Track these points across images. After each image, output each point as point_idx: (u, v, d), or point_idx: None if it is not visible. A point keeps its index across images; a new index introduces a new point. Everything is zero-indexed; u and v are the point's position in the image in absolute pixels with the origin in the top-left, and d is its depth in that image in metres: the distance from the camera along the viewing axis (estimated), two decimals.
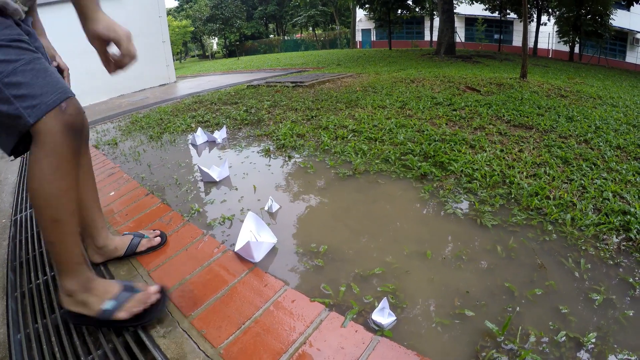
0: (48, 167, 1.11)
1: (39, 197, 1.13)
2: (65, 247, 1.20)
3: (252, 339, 1.17)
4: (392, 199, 2.03)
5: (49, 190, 1.13)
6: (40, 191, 1.12)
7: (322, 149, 2.88)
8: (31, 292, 1.60)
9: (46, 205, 1.14)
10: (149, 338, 1.22)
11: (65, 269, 1.21)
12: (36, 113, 1.07)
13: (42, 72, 1.11)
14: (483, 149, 2.71)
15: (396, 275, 1.43)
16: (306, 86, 6.22)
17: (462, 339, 1.14)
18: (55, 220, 1.15)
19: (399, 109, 4.14)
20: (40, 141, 1.10)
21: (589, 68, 15.76)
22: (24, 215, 2.43)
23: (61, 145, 1.12)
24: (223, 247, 1.68)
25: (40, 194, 1.12)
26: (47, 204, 1.13)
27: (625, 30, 24.67)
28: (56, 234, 1.17)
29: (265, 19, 50.83)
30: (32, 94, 1.06)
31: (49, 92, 1.10)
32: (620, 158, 2.63)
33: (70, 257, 1.21)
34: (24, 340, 1.32)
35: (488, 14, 24.61)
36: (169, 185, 2.44)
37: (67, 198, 1.17)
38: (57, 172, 1.13)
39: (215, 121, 4.23)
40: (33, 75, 1.08)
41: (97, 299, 1.25)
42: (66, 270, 1.22)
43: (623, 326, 1.17)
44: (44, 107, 1.08)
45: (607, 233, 1.66)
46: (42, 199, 1.13)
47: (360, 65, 11.95)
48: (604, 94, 6.02)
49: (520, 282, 1.37)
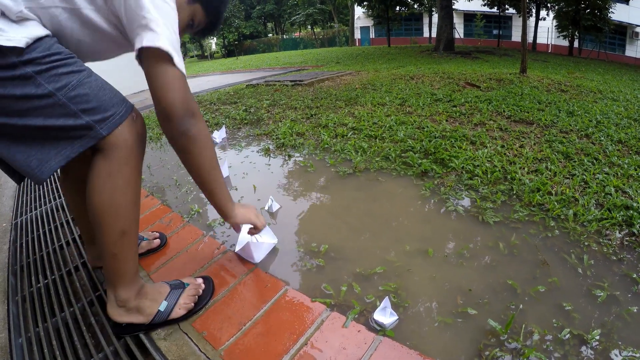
0: (122, 179, 1.09)
1: (110, 210, 1.09)
2: (128, 257, 1.17)
3: (253, 341, 1.17)
4: (393, 197, 2.02)
5: (121, 202, 1.10)
6: (111, 205, 1.09)
7: (322, 147, 2.87)
8: (32, 295, 1.60)
9: (117, 218, 1.10)
10: (150, 340, 1.22)
11: (123, 280, 1.19)
12: (109, 125, 1.05)
13: (104, 83, 1.09)
14: (484, 145, 2.70)
15: (398, 274, 1.42)
16: (305, 85, 6.21)
17: (465, 337, 1.13)
18: (124, 231, 1.13)
19: (399, 106, 4.13)
20: (113, 154, 1.07)
21: (589, 62, 15.74)
22: (25, 218, 2.42)
23: (135, 156, 1.11)
24: (223, 248, 1.67)
25: (111, 208, 1.09)
26: (118, 217, 1.10)
27: (625, 24, 24.63)
28: (122, 246, 1.14)
29: (263, 18, 50.77)
30: (102, 107, 1.04)
31: (118, 103, 1.08)
32: (621, 152, 2.62)
33: (131, 267, 1.19)
34: (25, 344, 1.32)
35: (487, 10, 24.56)
36: (168, 187, 2.43)
37: (136, 208, 1.16)
38: (129, 184, 1.11)
39: (215, 121, 4.22)
40: (99, 87, 1.05)
41: (152, 302, 1.25)
42: (124, 281, 1.19)
43: (627, 323, 1.16)
44: (117, 119, 1.06)
45: (610, 228, 1.65)
46: (113, 212, 1.10)
47: (360, 63, 11.93)
48: (604, 88, 6.00)
49: (523, 279, 1.36)
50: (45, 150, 1.02)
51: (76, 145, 1.04)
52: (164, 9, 1.05)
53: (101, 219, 1.10)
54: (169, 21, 1.05)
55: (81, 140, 1.03)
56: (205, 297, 1.34)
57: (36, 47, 0.96)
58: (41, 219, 2.36)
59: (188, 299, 1.30)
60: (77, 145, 1.03)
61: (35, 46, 0.96)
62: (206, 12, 1.31)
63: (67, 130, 1.02)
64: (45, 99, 0.97)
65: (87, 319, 1.41)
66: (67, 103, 0.99)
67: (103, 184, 1.08)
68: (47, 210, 2.49)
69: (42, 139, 1.02)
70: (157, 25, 1.02)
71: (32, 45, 0.95)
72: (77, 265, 1.75)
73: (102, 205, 1.09)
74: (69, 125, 1.01)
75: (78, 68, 1.03)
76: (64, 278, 1.68)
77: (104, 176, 1.08)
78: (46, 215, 2.40)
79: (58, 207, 2.50)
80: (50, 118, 0.99)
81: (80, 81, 1.01)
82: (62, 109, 0.99)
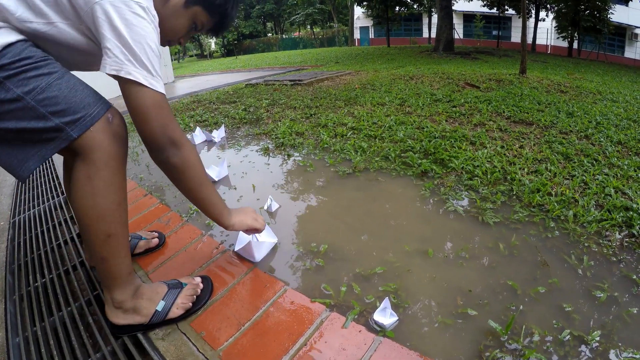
0: (101, 182, 1.07)
1: (92, 214, 1.08)
2: (118, 260, 1.16)
3: (252, 341, 1.16)
4: (393, 197, 2.02)
5: (104, 205, 1.09)
6: (93, 208, 1.08)
7: (322, 147, 2.86)
8: (29, 295, 1.59)
9: (100, 221, 1.09)
10: (148, 341, 1.21)
11: (117, 282, 1.18)
12: (80, 127, 1.03)
13: (77, 85, 1.07)
14: (483, 146, 2.69)
15: (398, 274, 1.41)
16: (305, 84, 6.21)
17: (465, 338, 1.13)
18: (109, 234, 1.11)
19: (399, 106, 4.13)
20: (90, 156, 1.06)
21: (588, 63, 15.75)
22: (23, 217, 2.41)
23: (113, 157, 1.09)
24: (222, 248, 1.66)
25: (93, 211, 1.08)
26: (101, 220, 1.09)
27: (624, 26, 24.67)
28: (110, 249, 1.13)
29: (263, 17, 50.74)
30: (72, 108, 1.02)
31: (90, 104, 1.06)
32: (621, 153, 2.62)
33: (123, 269, 1.18)
34: (22, 344, 1.31)
35: (486, 11, 24.59)
36: (167, 186, 2.43)
37: (121, 210, 1.14)
38: (111, 186, 1.10)
39: (214, 120, 4.21)
40: (69, 89, 1.04)
41: (149, 302, 1.24)
42: (117, 283, 1.18)
43: (627, 324, 1.16)
44: (88, 120, 1.04)
45: (610, 229, 1.65)
46: (96, 215, 1.08)
47: (359, 63, 11.93)
48: (603, 90, 6.01)
49: (523, 280, 1.35)
50: (23, 151, 1.04)
51: (50, 147, 1.03)
52: (136, 25, 1.04)
53: (85, 223, 1.09)
54: (139, 39, 1.04)
55: (54, 142, 1.03)
56: (203, 297, 1.34)
57: (5, 53, 0.97)
58: (39, 218, 2.35)
59: (186, 298, 1.29)
60: (51, 146, 1.03)
61: (5, 52, 0.97)
62: (209, 13, 1.30)
63: (39, 133, 1.02)
64: (15, 102, 0.98)
65: (84, 318, 1.40)
66: (35, 106, 0.99)
67: (83, 187, 1.07)
68: (45, 208, 2.48)
69: (19, 140, 1.03)
70: (122, 49, 1.02)
71: (1, 52, 0.97)
72: (75, 264, 1.75)
73: (84, 209, 1.08)
74: (40, 128, 1.01)
75: (48, 70, 1.03)
76: (61, 277, 1.67)
77: (84, 179, 1.07)
78: (44, 214, 2.39)
79: (56, 206, 2.49)
80: (22, 121, 0.99)
81: (49, 84, 1.01)
82: (31, 111, 0.99)
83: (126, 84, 1.05)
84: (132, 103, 1.07)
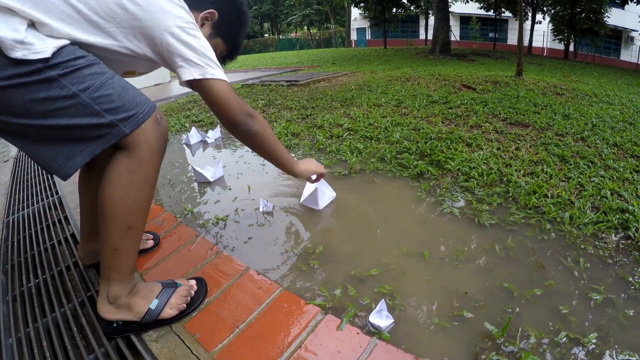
0: (140, 177, 1.12)
1: (121, 205, 1.11)
2: (130, 253, 1.18)
3: (247, 343, 1.15)
4: (389, 199, 2.01)
5: (135, 198, 1.13)
6: (125, 200, 1.11)
7: (317, 147, 2.86)
8: (23, 295, 1.57)
9: (127, 213, 1.12)
10: (141, 342, 1.20)
11: (119, 276, 1.19)
12: (132, 124, 1.08)
13: (127, 84, 1.13)
14: (480, 147, 2.69)
15: (393, 276, 1.41)
16: (301, 85, 6.20)
17: (462, 341, 1.12)
18: (131, 227, 1.14)
19: (395, 107, 4.13)
20: (136, 152, 1.10)
21: (584, 66, 15.82)
22: (17, 216, 2.40)
23: (156, 155, 1.15)
24: (217, 249, 1.65)
25: (124, 203, 1.11)
26: (128, 212, 1.12)
27: (620, 29, 24.81)
28: (126, 241, 1.15)
29: (260, 18, 50.77)
30: (125, 106, 1.08)
31: (140, 103, 1.12)
32: (617, 156, 2.62)
33: (129, 264, 1.20)
34: (15, 345, 1.30)
35: (483, 13, 24.66)
36: (162, 186, 2.41)
37: (147, 205, 1.18)
38: (147, 182, 1.14)
39: (210, 120, 4.20)
40: (122, 88, 1.10)
41: (143, 300, 1.24)
42: (120, 277, 1.19)
43: (623, 326, 1.15)
44: (140, 118, 1.10)
45: (606, 231, 1.64)
46: (124, 207, 1.11)
47: (355, 64, 11.94)
48: (599, 92, 6.03)
49: (519, 282, 1.35)
50: (71, 147, 1.07)
51: (100, 142, 1.08)
52: (200, 38, 1.21)
53: (112, 212, 1.12)
54: (207, 46, 1.22)
55: (105, 137, 1.07)
56: (197, 299, 1.33)
57: (61, 52, 1.01)
58: (33, 218, 2.34)
59: (180, 299, 1.28)
60: (101, 142, 1.08)
61: (60, 52, 1.01)
62: (225, 44, 1.48)
63: (91, 129, 1.05)
64: (70, 99, 1.01)
65: (78, 319, 1.39)
66: (90, 103, 1.03)
67: (120, 179, 1.10)
68: (39, 208, 2.46)
69: (67, 137, 1.06)
70: (200, 57, 1.18)
71: (56, 52, 1.00)
72: (68, 265, 1.73)
73: (115, 200, 1.11)
74: (93, 124, 1.05)
75: (101, 70, 1.07)
76: (55, 278, 1.66)
77: (123, 172, 1.10)
78: (38, 214, 2.38)
79: (50, 206, 2.48)
80: (75, 118, 1.03)
81: (103, 82, 1.06)
82: (86, 108, 1.03)
83: (208, 82, 1.20)
84: (216, 94, 1.22)
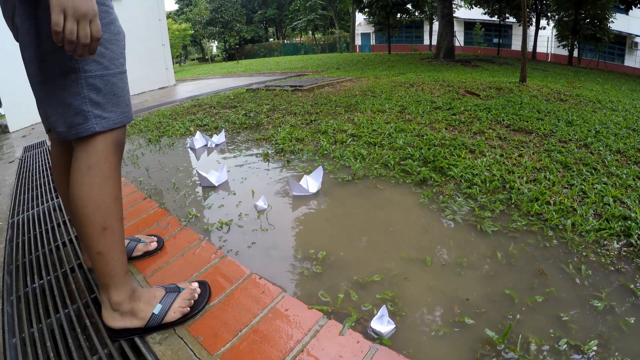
0: (99, 174, 1.13)
1: (89, 204, 1.12)
2: (114, 256, 1.18)
3: (249, 347, 1.16)
4: (391, 205, 2.02)
5: (100, 196, 1.13)
6: (91, 198, 1.12)
7: (321, 153, 2.87)
8: (27, 296, 1.59)
9: (96, 213, 1.13)
10: (145, 344, 1.21)
11: (113, 281, 1.19)
12: (103, 125, 1.12)
13: (123, 89, 1.19)
14: (483, 154, 2.70)
15: (395, 282, 1.41)
16: (305, 90, 6.22)
17: (462, 347, 1.13)
18: (105, 227, 1.15)
19: (399, 113, 4.13)
20: (94, 149, 1.13)
21: (588, 72, 15.77)
22: (22, 217, 2.42)
23: (113, 154, 1.17)
24: (220, 253, 1.66)
25: (90, 201, 1.12)
26: (97, 211, 1.13)
27: (624, 34, 24.71)
28: (105, 243, 1.16)
29: (265, 22, 50.89)
30: (106, 106, 1.13)
31: (121, 111, 1.17)
32: (620, 162, 2.62)
33: (119, 267, 1.20)
34: (19, 345, 1.31)
35: (487, 18, 24.65)
36: (166, 190, 2.43)
37: (116, 204, 1.19)
38: (107, 180, 1.15)
39: (214, 125, 4.22)
40: (119, 89, 1.17)
41: (146, 305, 1.25)
42: (114, 282, 1.19)
43: (624, 333, 1.16)
44: (111, 123, 1.14)
45: (608, 239, 1.65)
46: (93, 206, 1.13)
47: (360, 69, 11.95)
48: (603, 98, 6.02)
49: (520, 289, 1.35)
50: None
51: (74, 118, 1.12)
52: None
53: (82, 213, 1.13)
54: None
55: (75, 120, 1.11)
56: (201, 302, 1.34)
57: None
58: (38, 219, 2.36)
59: (183, 302, 1.29)
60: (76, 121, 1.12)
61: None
62: None
63: (73, 108, 1.10)
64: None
65: (82, 321, 1.40)
66: (83, 84, 1.09)
67: (82, 178, 1.12)
68: (44, 210, 2.48)
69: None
70: None
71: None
72: (73, 267, 1.75)
73: (81, 199, 1.12)
74: (73, 105, 1.10)
75: (108, 62, 1.14)
76: (59, 279, 1.68)
77: (83, 170, 1.12)
78: (43, 215, 2.40)
79: (55, 208, 2.50)
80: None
81: (102, 75, 1.12)
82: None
83: None
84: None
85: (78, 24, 0.91)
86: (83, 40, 0.93)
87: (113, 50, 1.15)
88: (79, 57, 0.98)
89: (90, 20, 0.93)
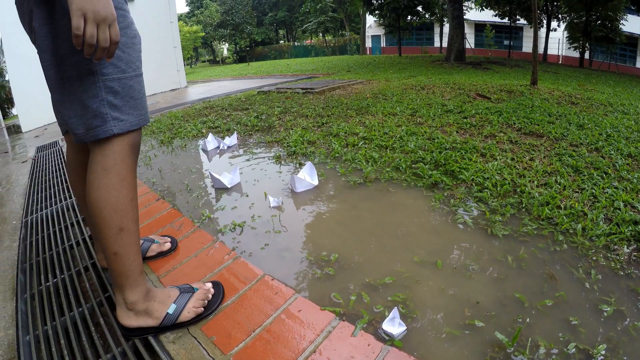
0: (116, 176, 1.15)
1: (106, 206, 1.15)
2: (130, 257, 1.20)
3: (262, 347, 1.18)
4: (403, 208, 2.03)
5: (116, 198, 1.16)
6: (108, 200, 1.15)
7: (333, 156, 2.88)
8: (41, 294, 1.62)
9: (113, 214, 1.15)
10: (159, 343, 1.23)
11: (129, 281, 1.21)
12: (120, 127, 1.15)
13: (139, 92, 1.21)
14: (494, 158, 2.70)
15: (406, 284, 1.43)
16: (316, 92, 6.24)
17: (472, 349, 1.14)
18: (122, 229, 1.17)
19: (410, 116, 4.14)
20: (111, 151, 1.16)
21: (600, 74, 15.65)
22: (35, 217, 2.46)
23: (129, 156, 1.19)
24: (234, 254, 1.69)
25: (107, 203, 1.15)
26: (114, 213, 1.15)
27: (636, 36, 24.46)
28: (121, 244, 1.18)
29: (275, 25, 51.07)
30: (123, 109, 1.16)
31: (138, 114, 1.20)
32: (631, 167, 2.60)
33: (134, 267, 1.22)
34: (32, 342, 1.34)
35: (498, 20, 24.53)
36: (179, 191, 2.46)
37: (132, 206, 1.20)
38: (124, 182, 1.17)
39: (226, 127, 4.25)
40: (136, 91, 1.19)
41: (161, 305, 1.27)
42: (129, 282, 1.21)
43: (633, 338, 1.16)
44: (128, 125, 1.17)
45: (618, 243, 1.65)
46: (109, 207, 1.15)
47: (370, 72, 11.96)
48: (614, 101, 5.97)
49: (530, 292, 1.36)
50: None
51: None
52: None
53: (99, 215, 1.15)
54: None
55: (93, 121, 1.13)
56: (214, 302, 1.36)
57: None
58: (51, 218, 2.39)
59: (197, 303, 1.31)
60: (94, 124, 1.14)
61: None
62: None
63: (90, 110, 1.12)
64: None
65: (95, 319, 1.43)
66: (102, 87, 1.12)
67: (98, 180, 1.14)
68: (57, 209, 2.52)
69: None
70: None
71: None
72: (86, 266, 1.78)
73: (98, 201, 1.14)
74: (91, 107, 1.12)
75: (125, 65, 1.16)
76: (73, 278, 1.70)
77: (100, 172, 1.14)
78: (56, 215, 2.43)
79: (68, 207, 2.53)
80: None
81: (120, 79, 1.15)
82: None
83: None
84: None
85: (98, 28, 0.94)
86: (102, 44, 0.96)
87: (130, 54, 1.17)
88: (97, 60, 1.01)
89: (110, 25, 0.96)
